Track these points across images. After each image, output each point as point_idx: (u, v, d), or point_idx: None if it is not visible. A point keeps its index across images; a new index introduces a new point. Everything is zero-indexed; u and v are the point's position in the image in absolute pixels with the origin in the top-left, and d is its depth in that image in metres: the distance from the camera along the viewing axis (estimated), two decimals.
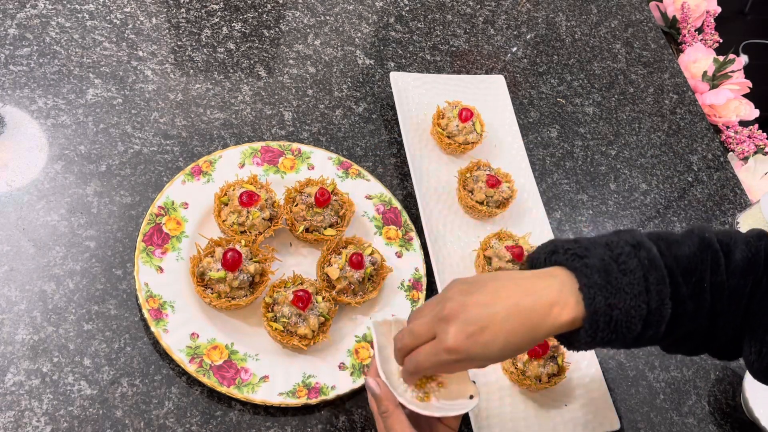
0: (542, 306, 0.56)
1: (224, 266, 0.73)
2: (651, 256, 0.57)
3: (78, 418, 0.66)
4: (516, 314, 0.56)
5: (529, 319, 0.56)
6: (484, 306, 0.56)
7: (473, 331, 0.55)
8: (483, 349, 0.56)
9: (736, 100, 1.24)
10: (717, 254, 0.59)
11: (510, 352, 0.57)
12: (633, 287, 0.55)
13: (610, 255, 0.56)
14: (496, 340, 0.55)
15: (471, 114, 0.94)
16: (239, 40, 1.00)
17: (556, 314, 0.55)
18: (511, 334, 0.56)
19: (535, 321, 0.56)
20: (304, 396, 0.72)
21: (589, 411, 0.80)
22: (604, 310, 0.54)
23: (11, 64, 0.86)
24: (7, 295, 0.71)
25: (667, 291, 0.56)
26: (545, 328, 0.56)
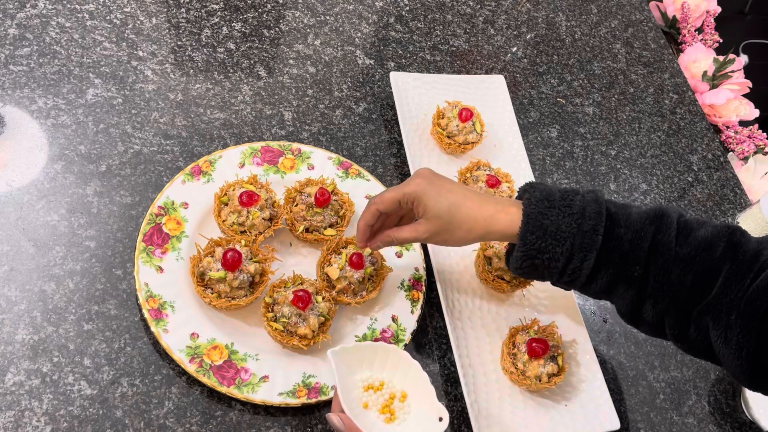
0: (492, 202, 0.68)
1: (224, 266, 0.73)
2: (596, 197, 0.65)
3: (78, 418, 0.66)
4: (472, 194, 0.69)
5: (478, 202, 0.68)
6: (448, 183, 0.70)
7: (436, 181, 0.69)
8: (437, 195, 0.68)
9: (736, 100, 1.24)
10: (668, 220, 0.64)
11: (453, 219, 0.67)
12: (568, 209, 0.64)
13: (560, 189, 0.67)
14: (450, 196, 0.68)
15: (471, 114, 0.94)
16: (239, 40, 1.00)
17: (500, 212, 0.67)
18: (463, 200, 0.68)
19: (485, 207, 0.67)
20: (304, 396, 0.72)
21: (589, 411, 0.80)
22: (536, 217, 0.64)
23: (11, 64, 0.86)
24: (7, 295, 0.71)
25: (602, 221, 0.64)
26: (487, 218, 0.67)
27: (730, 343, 0.60)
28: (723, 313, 0.60)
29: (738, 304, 0.60)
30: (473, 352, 0.81)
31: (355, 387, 0.64)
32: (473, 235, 0.68)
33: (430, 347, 0.82)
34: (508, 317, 0.85)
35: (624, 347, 0.90)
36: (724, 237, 0.63)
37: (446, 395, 0.79)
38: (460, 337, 0.81)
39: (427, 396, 0.64)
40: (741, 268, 0.61)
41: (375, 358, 0.66)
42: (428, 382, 0.64)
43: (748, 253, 0.61)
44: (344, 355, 0.64)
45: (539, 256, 0.65)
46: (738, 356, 0.59)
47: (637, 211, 0.65)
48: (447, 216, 0.68)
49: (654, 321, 0.65)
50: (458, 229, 0.68)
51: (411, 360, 0.65)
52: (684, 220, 0.65)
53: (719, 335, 0.61)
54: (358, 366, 0.65)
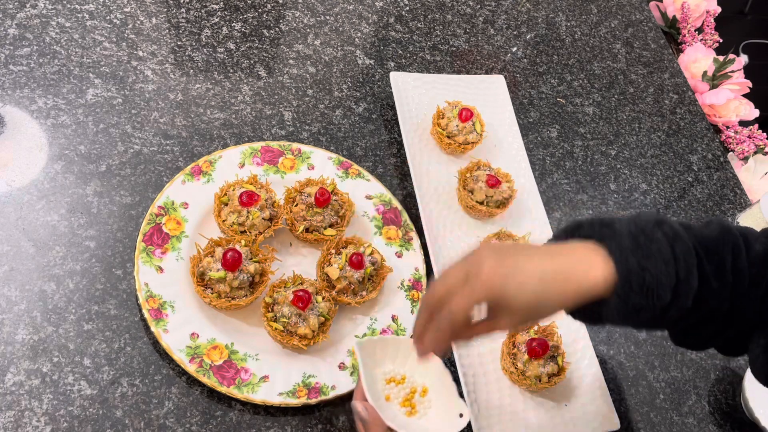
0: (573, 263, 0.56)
1: (224, 266, 0.73)
2: (674, 230, 0.57)
3: (78, 418, 0.66)
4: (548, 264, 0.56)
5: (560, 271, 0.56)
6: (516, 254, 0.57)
7: (507, 271, 0.55)
8: (517, 289, 0.55)
9: (736, 100, 1.24)
10: (738, 240, 0.59)
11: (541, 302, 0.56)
12: (662, 254, 0.55)
13: (635, 226, 0.57)
14: (530, 282, 0.55)
15: (471, 114, 0.94)
16: (239, 40, 1.00)
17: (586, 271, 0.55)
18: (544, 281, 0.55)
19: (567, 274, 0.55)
20: (304, 396, 0.72)
21: (589, 411, 0.80)
22: (637, 271, 0.54)
23: (11, 64, 0.86)
24: (7, 295, 0.71)
25: (694, 261, 0.56)
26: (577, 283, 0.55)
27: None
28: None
29: None
30: (473, 352, 0.81)
31: (378, 379, 0.64)
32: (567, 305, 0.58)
33: None
34: None
35: (624, 347, 0.90)
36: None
37: None
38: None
39: (449, 392, 0.64)
40: None
41: (398, 353, 0.66)
42: (450, 378, 0.64)
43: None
44: (369, 347, 0.64)
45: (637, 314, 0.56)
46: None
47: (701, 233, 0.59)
48: (535, 305, 0.56)
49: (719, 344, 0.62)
50: (547, 309, 0.58)
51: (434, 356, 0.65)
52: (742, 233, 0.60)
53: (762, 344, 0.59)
54: (381, 358, 0.65)
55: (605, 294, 0.56)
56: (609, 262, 0.55)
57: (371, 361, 0.64)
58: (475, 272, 0.56)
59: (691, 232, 0.59)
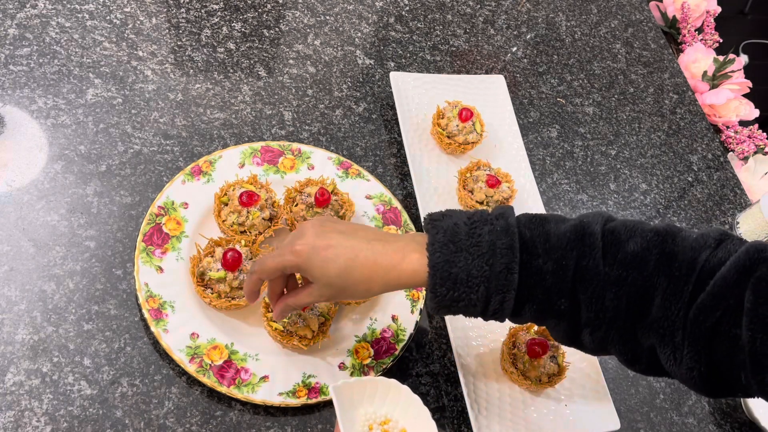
0: (389, 254, 0.60)
1: (224, 266, 0.73)
2: (506, 225, 0.59)
3: (78, 418, 0.66)
4: (363, 248, 0.60)
5: (372, 256, 0.60)
6: (337, 231, 0.61)
7: (321, 244, 0.60)
8: (323, 263, 0.59)
9: (736, 100, 1.24)
10: (592, 239, 0.58)
11: (345, 281, 0.60)
12: (477, 248, 0.57)
13: (465, 221, 0.59)
14: (337, 260, 0.59)
15: (471, 114, 0.94)
16: (239, 40, 1.00)
17: (400, 262, 0.59)
18: (353, 262, 0.59)
19: (381, 261, 0.59)
20: (304, 396, 0.72)
21: (589, 411, 0.80)
22: (443, 266, 0.57)
23: (11, 64, 0.86)
24: (7, 295, 0.71)
25: (516, 258, 0.57)
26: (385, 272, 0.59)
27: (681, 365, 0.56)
28: (667, 333, 0.56)
29: (682, 323, 0.55)
30: (473, 352, 0.81)
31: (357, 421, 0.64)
32: (374, 290, 0.61)
33: (430, 347, 0.81)
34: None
35: None
36: (655, 248, 0.57)
37: (446, 395, 0.79)
38: (460, 337, 0.81)
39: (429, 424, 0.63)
40: (678, 283, 0.56)
41: (376, 393, 0.66)
42: (429, 417, 0.64)
43: (684, 264, 0.56)
44: (345, 390, 0.63)
45: (454, 304, 0.58)
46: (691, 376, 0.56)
47: (556, 232, 0.59)
48: (339, 282, 0.60)
49: (597, 346, 0.60)
50: (354, 289, 0.61)
51: (412, 395, 0.65)
52: (610, 231, 0.59)
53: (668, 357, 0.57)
54: (359, 400, 0.65)
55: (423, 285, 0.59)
56: (423, 257, 0.58)
57: (349, 403, 0.63)
58: (293, 241, 0.61)
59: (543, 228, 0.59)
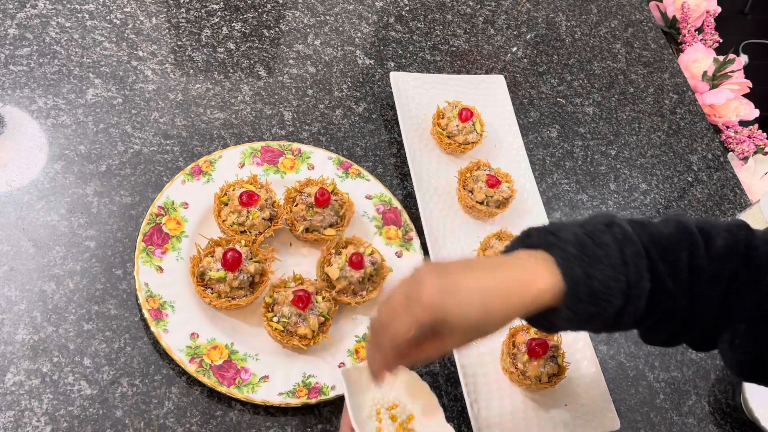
0: (518, 275, 0.55)
1: (224, 266, 0.73)
2: (625, 232, 0.56)
3: (78, 418, 0.66)
4: (491, 278, 0.55)
5: (504, 284, 0.54)
6: (458, 271, 0.55)
7: (448, 289, 0.53)
8: (459, 309, 0.53)
9: (736, 100, 1.24)
10: (695, 237, 0.58)
11: (486, 319, 0.54)
12: (610, 258, 0.54)
13: (584, 231, 0.56)
14: (472, 300, 0.53)
15: (471, 114, 0.94)
16: (239, 40, 1.00)
17: (531, 281, 0.54)
18: (488, 296, 0.54)
19: (512, 287, 0.54)
20: (304, 396, 0.72)
21: (589, 411, 0.80)
22: (583, 279, 0.53)
23: (11, 64, 0.86)
24: (7, 295, 0.71)
25: (645, 263, 0.55)
26: (522, 296, 0.54)
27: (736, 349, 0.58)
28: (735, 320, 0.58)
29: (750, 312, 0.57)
30: (473, 352, 0.81)
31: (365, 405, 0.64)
32: (512, 318, 0.56)
33: None
34: None
35: (624, 347, 0.90)
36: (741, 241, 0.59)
37: (446, 395, 0.79)
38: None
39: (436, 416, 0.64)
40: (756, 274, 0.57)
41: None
42: (437, 403, 0.64)
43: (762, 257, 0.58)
44: (354, 374, 0.63)
45: (589, 321, 0.56)
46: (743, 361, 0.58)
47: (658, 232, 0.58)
48: (480, 324, 0.55)
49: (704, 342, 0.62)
50: (494, 324, 0.56)
51: (420, 381, 0.65)
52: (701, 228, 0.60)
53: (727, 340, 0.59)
54: (368, 385, 0.65)
55: (554, 303, 0.54)
56: (555, 272, 0.54)
57: (357, 388, 0.63)
58: (416, 294, 0.54)
59: (646, 231, 0.58)
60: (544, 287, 0.54)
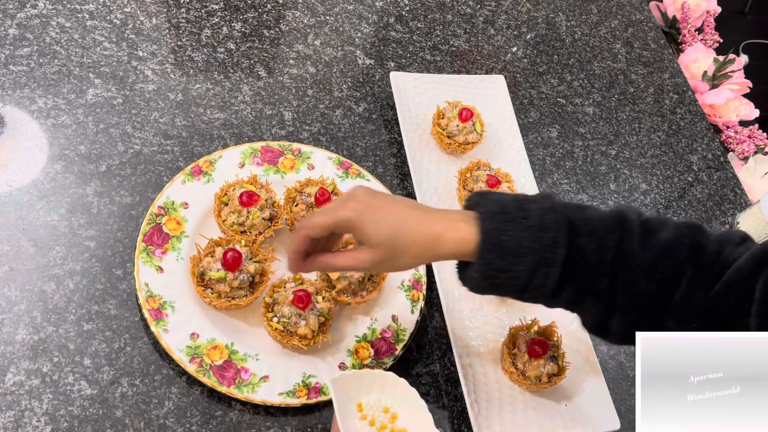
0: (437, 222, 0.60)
1: (224, 266, 0.73)
2: (554, 205, 0.60)
3: (78, 418, 0.66)
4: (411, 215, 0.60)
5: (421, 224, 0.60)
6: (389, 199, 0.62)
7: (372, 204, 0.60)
8: (376, 222, 0.59)
9: (736, 100, 1.24)
10: (630, 225, 0.60)
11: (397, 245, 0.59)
12: (528, 221, 0.58)
13: (513, 198, 0.61)
14: (389, 220, 0.60)
15: (471, 114, 0.94)
16: (239, 40, 1.00)
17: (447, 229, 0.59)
18: (404, 223, 0.60)
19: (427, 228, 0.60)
20: (304, 396, 0.72)
21: (589, 411, 0.80)
22: (495, 234, 0.58)
23: (11, 64, 0.86)
24: (7, 295, 0.71)
25: (564, 232, 0.58)
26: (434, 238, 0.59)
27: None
28: (684, 319, 0.59)
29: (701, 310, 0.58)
30: (473, 352, 0.81)
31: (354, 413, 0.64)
32: (422, 258, 0.61)
33: (430, 347, 0.81)
34: (508, 317, 0.85)
35: (624, 347, 0.90)
36: (687, 238, 0.60)
37: (446, 395, 0.79)
38: (460, 337, 0.81)
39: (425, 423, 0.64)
40: (704, 273, 0.58)
41: (373, 386, 0.66)
42: (426, 409, 0.64)
43: (710, 256, 0.59)
44: (344, 382, 0.64)
45: (499, 275, 0.58)
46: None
47: (596, 215, 0.60)
48: (390, 243, 0.59)
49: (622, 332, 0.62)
50: (404, 255, 0.60)
51: (409, 387, 0.65)
52: (645, 221, 0.61)
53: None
54: (357, 392, 0.65)
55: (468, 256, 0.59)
56: (473, 225, 0.59)
57: (346, 396, 0.64)
58: (344, 201, 0.61)
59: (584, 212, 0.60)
60: (459, 236, 0.59)
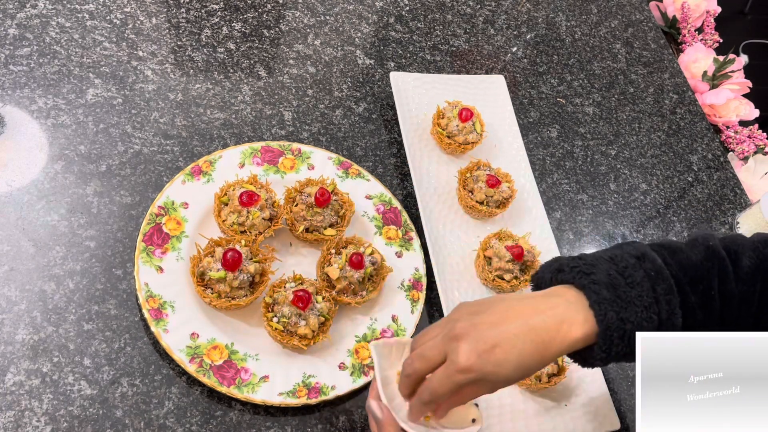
0: (552, 323, 0.56)
1: (224, 266, 0.73)
2: (656, 266, 0.57)
3: (78, 418, 0.66)
4: (526, 332, 0.56)
5: (539, 337, 0.56)
6: (493, 325, 0.56)
7: (485, 348, 0.55)
8: (496, 368, 0.55)
9: (736, 100, 1.24)
10: (724, 262, 0.59)
11: (522, 372, 0.56)
12: (642, 299, 0.55)
13: (616, 269, 0.57)
14: (509, 358, 0.55)
15: (471, 114, 0.94)
16: (239, 40, 1.00)
17: (566, 331, 0.55)
18: (523, 352, 0.55)
19: (546, 338, 0.56)
20: (304, 396, 0.72)
21: (589, 411, 0.80)
22: (617, 325, 0.55)
23: (11, 64, 0.86)
24: (7, 295, 0.71)
25: (677, 300, 0.56)
26: (556, 346, 0.56)
27: None
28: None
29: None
30: None
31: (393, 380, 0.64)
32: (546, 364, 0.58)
33: None
34: None
35: None
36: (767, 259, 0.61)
37: None
38: None
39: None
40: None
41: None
42: None
43: None
44: (385, 349, 0.65)
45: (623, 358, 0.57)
46: None
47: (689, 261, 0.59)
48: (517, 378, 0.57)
49: None
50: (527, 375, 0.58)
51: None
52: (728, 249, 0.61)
53: None
54: (397, 360, 0.66)
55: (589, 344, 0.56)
56: (589, 317, 0.55)
57: (387, 362, 0.64)
58: (454, 357, 0.55)
59: (676, 259, 0.59)
60: (579, 335, 0.55)
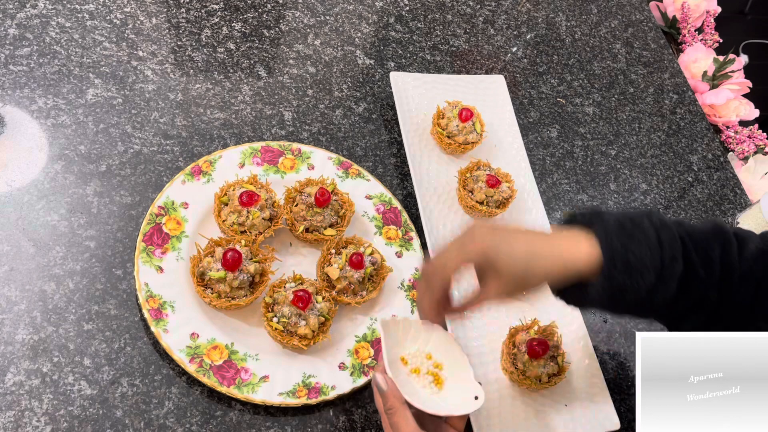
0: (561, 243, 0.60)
1: (224, 266, 0.73)
2: (662, 220, 0.61)
3: (78, 418, 0.66)
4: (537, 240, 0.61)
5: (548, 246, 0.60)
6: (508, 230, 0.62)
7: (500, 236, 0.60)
8: (507, 254, 0.59)
9: (736, 100, 1.24)
10: (729, 237, 0.62)
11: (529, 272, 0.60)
12: (647, 239, 0.59)
13: (624, 215, 0.61)
14: (520, 250, 0.60)
15: (471, 114, 0.94)
16: (239, 40, 1.00)
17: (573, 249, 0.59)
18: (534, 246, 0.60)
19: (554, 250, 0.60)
20: (304, 396, 0.72)
21: (589, 411, 0.80)
22: (620, 251, 0.58)
23: (11, 64, 0.86)
24: (7, 295, 0.71)
25: (679, 248, 0.59)
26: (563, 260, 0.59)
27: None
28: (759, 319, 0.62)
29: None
30: (473, 352, 0.81)
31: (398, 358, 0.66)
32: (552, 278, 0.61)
33: None
34: (508, 317, 0.85)
35: (624, 347, 0.90)
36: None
37: None
38: (460, 338, 0.81)
39: (466, 375, 0.66)
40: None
41: (419, 334, 0.68)
42: (467, 363, 0.67)
43: None
44: (392, 326, 0.66)
45: (622, 294, 0.59)
46: None
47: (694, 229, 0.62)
48: (523, 274, 0.60)
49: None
50: (535, 280, 0.61)
51: (453, 341, 0.68)
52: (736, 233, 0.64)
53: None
54: (403, 338, 0.67)
55: (591, 274, 0.59)
56: (595, 244, 0.59)
57: (393, 340, 0.66)
58: (469, 239, 0.61)
59: (682, 226, 0.62)
60: (584, 255, 0.59)
